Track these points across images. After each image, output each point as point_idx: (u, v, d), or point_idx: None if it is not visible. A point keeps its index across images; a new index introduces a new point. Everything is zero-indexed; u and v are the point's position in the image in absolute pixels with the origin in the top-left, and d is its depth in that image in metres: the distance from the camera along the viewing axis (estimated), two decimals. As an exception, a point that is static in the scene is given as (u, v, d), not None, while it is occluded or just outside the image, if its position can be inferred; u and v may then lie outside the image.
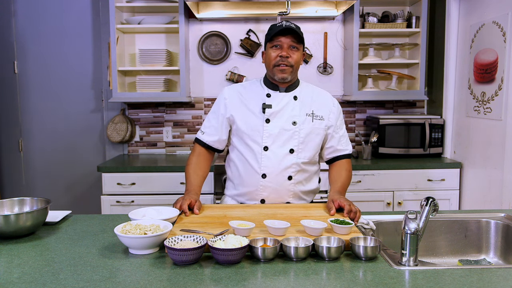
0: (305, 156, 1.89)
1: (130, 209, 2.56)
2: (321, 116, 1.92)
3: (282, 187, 1.88)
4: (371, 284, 1.13)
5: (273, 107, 1.87)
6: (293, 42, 1.84)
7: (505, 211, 1.81)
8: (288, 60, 1.83)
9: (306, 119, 1.89)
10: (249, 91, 1.95)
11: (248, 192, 1.92)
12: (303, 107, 1.91)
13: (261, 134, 1.86)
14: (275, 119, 1.87)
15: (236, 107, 1.91)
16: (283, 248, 1.28)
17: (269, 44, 1.87)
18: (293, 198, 1.93)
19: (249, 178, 1.90)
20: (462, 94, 3.14)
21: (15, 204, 1.64)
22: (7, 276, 1.19)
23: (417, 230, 1.25)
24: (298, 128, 1.87)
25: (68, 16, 3.59)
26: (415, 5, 3.42)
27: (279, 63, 1.83)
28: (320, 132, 1.92)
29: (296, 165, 1.88)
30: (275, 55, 1.84)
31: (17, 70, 3.64)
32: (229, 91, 1.96)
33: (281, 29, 1.80)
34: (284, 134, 1.86)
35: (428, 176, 3.10)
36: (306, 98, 1.93)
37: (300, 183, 1.92)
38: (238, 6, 3.16)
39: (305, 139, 1.88)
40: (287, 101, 1.90)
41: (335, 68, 3.61)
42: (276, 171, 1.86)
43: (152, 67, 3.33)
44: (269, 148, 1.86)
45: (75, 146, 3.68)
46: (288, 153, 1.87)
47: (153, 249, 1.35)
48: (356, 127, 3.68)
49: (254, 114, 1.88)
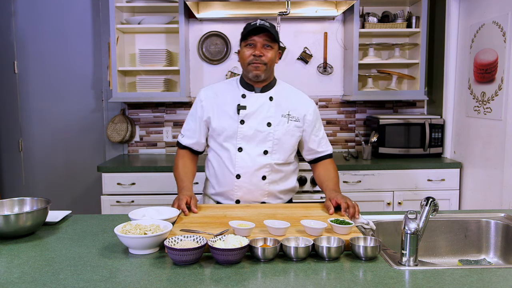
0: (279, 158, 1.90)
1: (130, 209, 2.56)
2: (297, 117, 1.92)
3: (256, 187, 1.89)
4: (371, 284, 1.13)
5: (248, 108, 1.87)
6: (266, 41, 1.83)
7: (505, 211, 1.81)
8: (261, 58, 1.82)
9: (281, 121, 1.89)
10: (225, 92, 1.95)
11: (224, 192, 1.94)
12: (278, 108, 1.90)
13: (235, 135, 1.87)
14: (249, 120, 1.87)
15: (212, 109, 1.92)
16: (283, 248, 1.28)
17: (243, 43, 1.86)
18: (268, 198, 1.93)
19: (224, 179, 1.92)
20: (462, 94, 3.14)
21: (15, 204, 1.64)
22: (7, 276, 1.19)
23: (417, 230, 1.25)
24: (272, 129, 1.87)
25: (68, 16, 3.59)
26: (415, 5, 3.42)
27: (253, 62, 1.83)
28: (295, 133, 1.92)
29: (270, 165, 1.89)
30: (249, 54, 1.84)
31: (17, 70, 3.64)
32: (205, 93, 1.97)
33: (254, 28, 1.80)
34: (258, 135, 1.87)
35: (428, 176, 3.10)
36: (282, 99, 1.93)
37: (275, 183, 1.92)
38: (238, 6, 3.16)
39: (280, 140, 1.89)
40: (263, 102, 1.90)
41: (335, 68, 3.61)
42: (250, 171, 1.88)
43: (152, 67, 3.33)
44: (243, 149, 1.88)
45: (75, 146, 3.68)
46: (262, 154, 1.88)
47: (153, 249, 1.35)
48: (356, 127, 3.68)
49: (229, 115, 1.89)
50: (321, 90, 3.63)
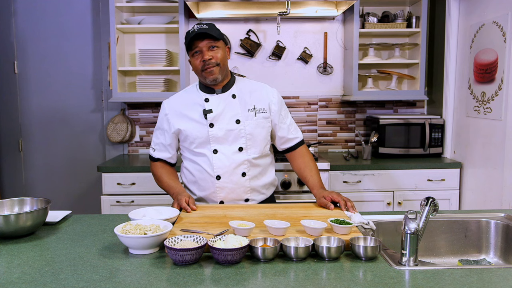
0: (255, 152, 1.92)
1: (130, 209, 2.56)
2: (263, 109, 1.93)
3: (237, 185, 1.91)
4: (371, 284, 1.13)
5: (214, 111, 1.88)
6: (210, 43, 1.83)
7: (505, 211, 1.81)
8: (211, 61, 1.82)
9: (249, 115, 1.90)
10: (187, 100, 1.95)
11: (206, 195, 1.94)
12: (243, 104, 1.92)
13: (208, 139, 1.88)
14: (218, 122, 1.88)
15: (179, 120, 1.92)
16: (283, 248, 1.28)
17: (189, 53, 1.87)
18: (252, 194, 1.94)
19: (204, 182, 1.93)
20: (462, 94, 3.14)
21: (15, 204, 1.64)
22: (7, 276, 1.19)
23: (417, 230, 1.25)
24: (242, 125, 1.89)
25: (68, 16, 3.59)
26: (415, 5, 3.42)
27: (205, 68, 1.83)
28: (265, 125, 1.94)
29: (247, 161, 1.90)
30: (199, 62, 1.84)
31: (17, 70, 3.64)
32: (168, 105, 1.97)
33: (194, 35, 1.80)
34: (230, 134, 1.88)
35: (428, 176, 3.10)
36: (244, 94, 1.94)
37: (255, 178, 1.94)
38: (238, 6, 3.16)
39: (252, 135, 1.90)
40: (226, 102, 1.90)
41: (335, 68, 3.61)
42: (229, 170, 1.89)
43: (152, 67, 3.33)
44: (218, 150, 1.89)
45: (75, 146, 3.68)
46: (238, 152, 1.89)
47: (153, 249, 1.35)
48: (356, 127, 3.68)
49: (197, 121, 1.89)
50: (321, 90, 3.63)
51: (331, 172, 3.03)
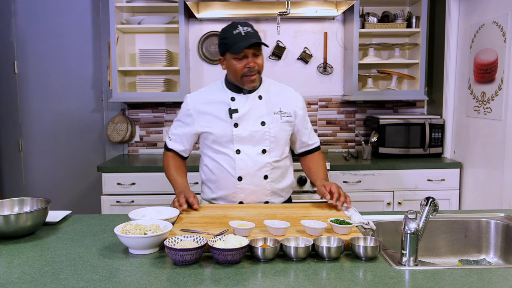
0: (277, 154, 1.90)
1: (130, 209, 2.56)
2: (288, 113, 1.92)
3: (259, 188, 1.89)
4: (371, 284, 1.13)
5: (240, 111, 1.85)
6: (256, 50, 1.79)
7: (505, 211, 1.81)
8: (255, 68, 1.79)
9: (275, 118, 1.89)
10: (212, 97, 1.91)
11: (226, 195, 1.92)
12: (269, 106, 1.89)
13: (231, 138, 1.86)
14: (243, 122, 1.85)
15: (202, 116, 1.90)
16: (283, 248, 1.28)
17: (230, 55, 1.78)
18: (271, 197, 1.93)
19: (225, 182, 1.90)
20: (462, 94, 3.14)
21: (15, 204, 1.64)
22: (7, 276, 1.19)
23: (417, 230, 1.25)
24: (267, 128, 1.87)
25: (68, 16, 3.59)
26: (415, 5, 3.42)
27: (248, 74, 1.79)
28: (287, 128, 1.93)
29: (269, 164, 1.89)
30: (242, 66, 1.77)
31: (17, 70, 3.64)
32: (192, 100, 1.93)
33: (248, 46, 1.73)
34: (254, 135, 1.86)
35: (428, 176, 3.10)
36: (271, 96, 1.92)
37: (277, 180, 1.93)
38: (238, 6, 3.16)
39: (276, 138, 1.89)
40: (253, 102, 1.87)
41: (335, 68, 3.61)
42: (252, 172, 1.87)
43: (152, 67, 3.33)
44: (242, 151, 1.86)
45: (75, 146, 3.68)
46: (261, 154, 1.87)
47: (153, 249, 1.35)
48: (356, 127, 3.68)
49: (222, 119, 1.86)
50: (321, 90, 3.63)
51: (331, 172, 3.04)
